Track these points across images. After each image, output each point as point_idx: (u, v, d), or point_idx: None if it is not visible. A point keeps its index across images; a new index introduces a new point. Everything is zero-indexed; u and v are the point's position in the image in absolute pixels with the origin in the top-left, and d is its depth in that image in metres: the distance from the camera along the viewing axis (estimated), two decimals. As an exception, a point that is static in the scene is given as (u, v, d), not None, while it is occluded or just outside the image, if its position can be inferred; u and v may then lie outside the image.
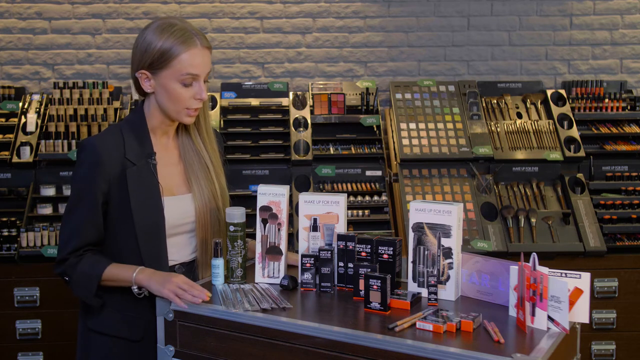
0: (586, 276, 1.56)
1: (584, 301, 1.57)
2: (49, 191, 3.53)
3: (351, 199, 3.56)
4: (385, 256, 1.82)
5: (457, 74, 4.19)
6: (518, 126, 3.76)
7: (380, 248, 1.82)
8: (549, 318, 1.55)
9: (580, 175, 3.61)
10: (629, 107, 3.87)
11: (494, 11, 4.17)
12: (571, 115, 3.79)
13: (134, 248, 1.86)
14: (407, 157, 3.62)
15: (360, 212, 3.55)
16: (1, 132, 3.71)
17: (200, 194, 1.96)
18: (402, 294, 1.74)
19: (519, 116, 3.84)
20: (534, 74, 4.19)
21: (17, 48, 4.06)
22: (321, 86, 3.99)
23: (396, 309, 1.69)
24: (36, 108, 3.74)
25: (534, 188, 3.60)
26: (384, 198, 3.59)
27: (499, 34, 4.18)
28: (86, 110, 3.73)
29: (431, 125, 3.75)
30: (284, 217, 1.92)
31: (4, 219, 3.39)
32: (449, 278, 1.78)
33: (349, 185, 3.66)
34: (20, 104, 3.76)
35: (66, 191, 3.55)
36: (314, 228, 1.93)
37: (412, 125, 3.74)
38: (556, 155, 3.63)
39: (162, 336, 1.78)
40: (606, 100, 3.87)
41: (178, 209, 1.93)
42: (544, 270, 1.54)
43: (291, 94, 3.91)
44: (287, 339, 1.60)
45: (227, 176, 2.09)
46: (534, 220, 3.42)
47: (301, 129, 3.75)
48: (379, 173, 3.71)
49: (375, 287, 1.68)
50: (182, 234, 1.96)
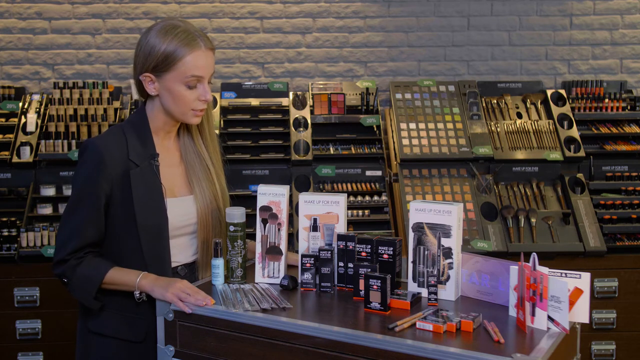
0: (586, 276, 1.56)
1: (584, 301, 1.57)
2: (49, 191, 3.53)
3: (351, 199, 3.56)
4: (385, 256, 1.82)
5: (457, 74, 4.19)
6: (518, 126, 3.76)
7: (380, 248, 1.82)
8: (549, 318, 1.55)
9: (580, 175, 3.61)
10: (629, 107, 3.87)
11: (494, 11, 4.17)
12: (571, 115, 3.79)
13: (136, 249, 1.85)
14: (407, 157, 3.62)
15: (360, 212, 3.55)
16: (1, 132, 3.71)
17: (201, 195, 1.97)
18: (402, 294, 1.74)
19: (519, 116, 3.84)
20: (534, 74, 4.19)
21: (17, 48, 4.06)
22: (321, 86, 3.99)
23: (396, 309, 1.69)
24: (36, 108, 3.74)
25: (534, 188, 3.60)
26: (384, 198, 3.59)
27: (499, 34, 4.18)
28: (86, 110, 3.73)
29: (431, 125, 3.75)
30: (284, 217, 1.92)
31: (4, 219, 3.39)
32: (449, 278, 1.78)
33: (349, 185, 3.66)
34: (20, 104, 3.76)
35: (66, 191, 3.55)
36: (314, 228, 1.93)
37: (412, 125, 3.74)
38: (556, 155, 3.63)
39: (162, 336, 1.78)
40: (606, 100, 3.87)
41: (180, 210, 1.93)
42: (544, 270, 1.54)
43: (291, 94, 3.91)
44: (287, 339, 1.60)
45: (227, 176, 2.09)
46: (534, 220, 3.42)
47: (301, 129, 3.75)
48: (379, 173, 3.71)
49: (375, 287, 1.68)
50: (184, 236, 1.96)
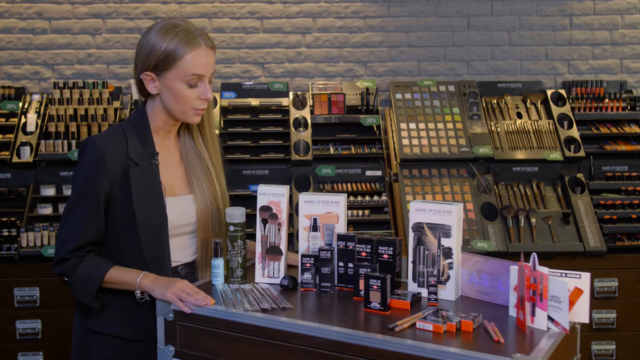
0: (586, 276, 1.56)
1: (584, 301, 1.57)
2: (49, 191, 3.53)
3: (351, 199, 3.56)
4: (385, 256, 1.82)
5: (457, 74, 4.19)
6: (518, 126, 3.76)
7: (380, 248, 1.82)
8: (549, 318, 1.55)
9: (580, 175, 3.61)
10: (629, 107, 3.87)
11: (494, 11, 4.17)
12: (571, 115, 3.79)
13: (136, 248, 1.85)
14: (407, 157, 3.62)
15: (360, 212, 3.55)
16: (1, 132, 3.71)
17: (201, 195, 1.97)
18: (402, 294, 1.74)
19: (519, 116, 3.84)
20: (534, 74, 4.19)
21: (17, 48, 4.06)
22: (321, 86, 3.99)
23: (396, 309, 1.69)
24: (36, 108, 3.74)
25: (534, 188, 3.60)
26: (384, 198, 3.59)
27: (499, 34, 4.18)
28: (86, 110, 3.73)
29: (431, 125, 3.75)
30: (284, 217, 1.92)
31: (4, 219, 3.39)
32: (449, 278, 1.78)
33: (349, 185, 3.66)
34: (20, 104, 3.76)
35: (66, 191, 3.55)
36: (314, 228, 1.93)
37: (412, 125, 3.74)
38: (556, 155, 3.63)
39: (162, 336, 1.78)
40: (606, 100, 3.87)
41: (180, 209, 1.93)
42: (544, 270, 1.54)
43: (291, 94, 3.91)
44: (287, 339, 1.60)
45: (227, 177, 2.09)
46: (534, 220, 3.42)
47: (301, 129, 3.75)
48: (379, 173, 3.71)
49: (375, 287, 1.68)
50: (184, 235, 1.96)
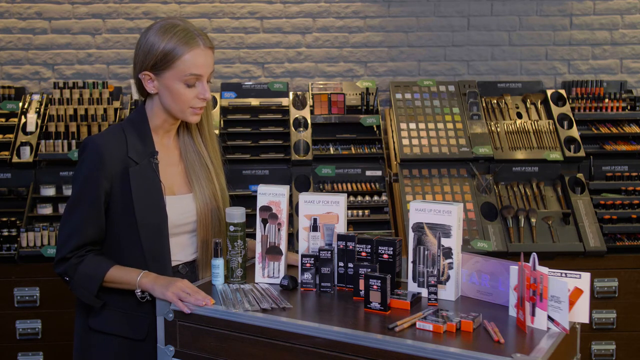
0: (586, 276, 1.56)
1: (584, 301, 1.57)
2: (49, 191, 3.53)
3: (351, 199, 3.56)
4: (385, 256, 1.82)
5: (457, 74, 4.19)
6: (518, 126, 3.76)
7: (380, 248, 1.82)
8: (549, 318, 1.55)
9: (580, 175, 3.61)
10: (629, 107, 3.87)
11: (494, 11, 4.17)
12: (571, 115, 3.79)
13: (136, 247, 1.86)
14: (407, 157, 3.62)
15: (360, 212, 3.55)
16: (1, 132, 3.71)
17: (201, 194, 1.97)
18: (402, 294, 1.74)
19: (519, 116, 3.84)
20: (534, 74, 4.19)
21: (17, 48, 4.06)
22: (321, 86, 3.99)
23: (396, 309, 1.69)
24: (36, 108, 3.74)
25: (534, 188, 3.60)
26: (384, 198, 3.59)
27: (499, 34, 4.18)
28: (86, 110, 3.73)
29: (431, 125, 3.75)
30: (284, 217, 1.92)
31: (4, 219, 3.39)
32: (449, 278, 1.78)
33: (349, 185, 3.66)
34: (20, 104, 3.76)
35: (66, 191, 3.55)
36: (314, 228, 1.93)
37: (412, 125, 3.74)
38: (556, 155, 3.63)
39: (162, 336, 1.78)
40: (606, 100, 3.87)
41: (180, 208, 1.93)
42: (544, 270, 1.54)
43: (291, 94, 3.91)
44: (287, 339, 1.60)
45: (227, 176, 2.09)
46: (534, 220, 3.42)
47: (301, 129, 3.75)
48: (379, 173, 3.71)
49: (375, 287, 1.68)
50: (184, 234, 1.96)
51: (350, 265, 1.86)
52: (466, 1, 4.15)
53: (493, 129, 3.75)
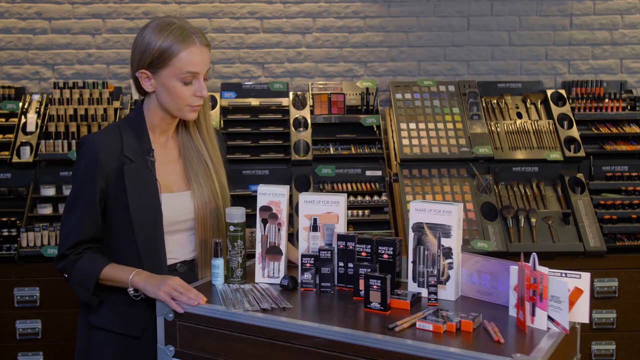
0: (586, 276, 1.56)
1: (584, 301, 1.57)
2: (49, 191, 3.53)
3: (351, 199, 3.56)
4: (385, 256, 1.82)
5: (457, 74, 4.19)
6: (518, 126, 3.76)
7: (380, 248, 1.82)
8: (549, 318, 1.55)
9: (580, 175, 3.61)
10: (629, 107, 3.87)
11: (494, 11, 4.17)
12: (571, 115, 3.79)
13: (131, 245, 1.87)
14: (407, 157, 3.62)
15: (360, 212, 3.55)
16: (1, 132, 3.71)
17: (199, 191, 1.97)
18: (402, 294, 1.74)
19: (519, 116, 3.84)
20: (534, 74, 4.19)
21: (17, 48, 4.06)
22: (321, 86, 3.99)
23: (396, 309, 1.69)
24: (36, 108, 3.74)
25: (534, 188, 3.60)
26: (384, 198, 3.59)
27: (499, 34, 4.18)
28: (86, 110, 3.73)
29: (431, 125, 3.75)
30: (284, 217, 1.92)
31: (4, 219, 3.39)
32: (449, 278, 1.78)
33: (349, 185, 3.66)
34: (20, 104, 3.76)
35: (66, 191, 3.55)
36: (314, 228, 1.93)
37: (412, 125, 3.74)
38: (556, 155, 3.63)
39: (162, 336, 1.78)
40: (606, 100, 3.87)
41: (177, 205, 1.93)
42: (544, 270, 1.54)
43: (291, 94, 3.90)
44: (287, 339, 1.60)
45: (228, 176, 2.09)
46: (534, 220, 3.42)
47: (301, 129, 3.75)
48: (379, 173, 3.71)
49: (375, 287, 1.68)
50: (182, 232, 1.96)
51: (350, 265, 1.86)
52: (466, 1, 4.15)
53: (493, 129, 3.75)
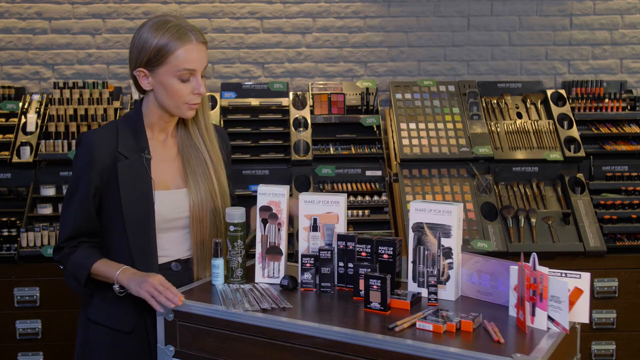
0: (586, 276, 1.56)
1: (584, 301, 1.57)
2: (49, 191, 3.53)
3: (351, 199, 3.56)
4: (385, 256, 1.82)
5: (457, 74, 4.19)
6: (518, 126, 3.76)
7: (380, 248, 1.82)
8: (549, 318, 1.55)
9: (580, 175, 3.61)
10: (629, 107, 3.87)
11: (494, 11, 4.17)
12: (571, 115, 3.79)
13: (124, 241, 1.88)
14: (407, 157, 3.62)
15: (360, 212, 3.55)
16: (1, 132, 3.71)
17: (195, 189, 1.96)
18: (402, 294, 1.74)
19: (519, 116, 3.84)
20: (534, 74, 4.19)
21: (17, 48, 4.06)
22: (321, 86, 3.99)
23: (396, 309, 1.69)
24: (36, 108, 3.74)
25: (534, 188, 3.60)
26: (384, 198, 3.59)
27: (499, 34, 4.18)
28: (86, 110, 3.73)
29: (431, 125, 3.75)
30: (284, 217, 1.92)
31: (4, 219, 3.39)
32: (449, 278, 1.78)
33: (349, 185, 3.66)
34: (20, 104, 3.76)
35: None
36: (314, 228, 1.93)
37: (412, 125, 3.74)
38: (556, 155, 3.63)
39: (162, 336, 1.78)
40: (606, 100, 3.87)
41: (171, 202, 1.93)
42: (544, 270, 1.54)
43: (291, 94, 3.90)
44: (287, 339, 1.60)
45: (229, 176, 2.08)
46: (534, 220, 3.42)
47: (301, 129, 3.75)
48: (379, 173, 3.71)
49: (375, 287, 1.68)
50: (178, 229, 1.96)
51: (350, 265, 1.86)
52: (466, 1, 4.15)
53: (493, 129, 3.75)
